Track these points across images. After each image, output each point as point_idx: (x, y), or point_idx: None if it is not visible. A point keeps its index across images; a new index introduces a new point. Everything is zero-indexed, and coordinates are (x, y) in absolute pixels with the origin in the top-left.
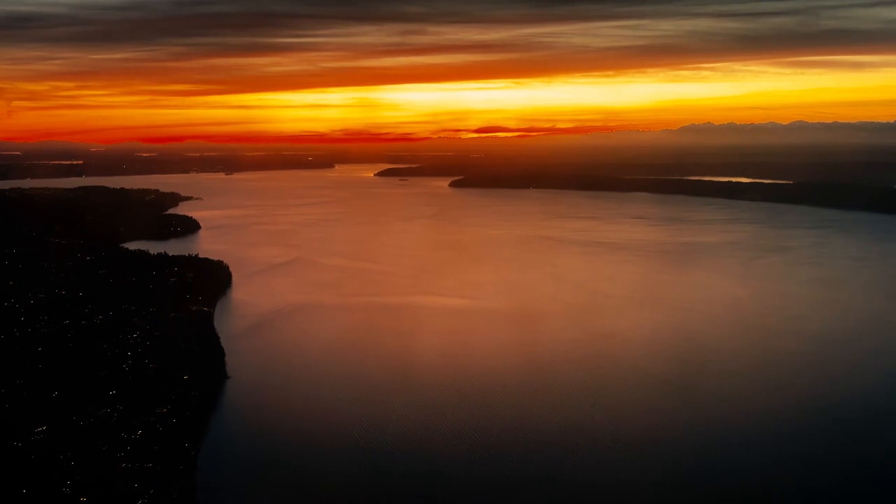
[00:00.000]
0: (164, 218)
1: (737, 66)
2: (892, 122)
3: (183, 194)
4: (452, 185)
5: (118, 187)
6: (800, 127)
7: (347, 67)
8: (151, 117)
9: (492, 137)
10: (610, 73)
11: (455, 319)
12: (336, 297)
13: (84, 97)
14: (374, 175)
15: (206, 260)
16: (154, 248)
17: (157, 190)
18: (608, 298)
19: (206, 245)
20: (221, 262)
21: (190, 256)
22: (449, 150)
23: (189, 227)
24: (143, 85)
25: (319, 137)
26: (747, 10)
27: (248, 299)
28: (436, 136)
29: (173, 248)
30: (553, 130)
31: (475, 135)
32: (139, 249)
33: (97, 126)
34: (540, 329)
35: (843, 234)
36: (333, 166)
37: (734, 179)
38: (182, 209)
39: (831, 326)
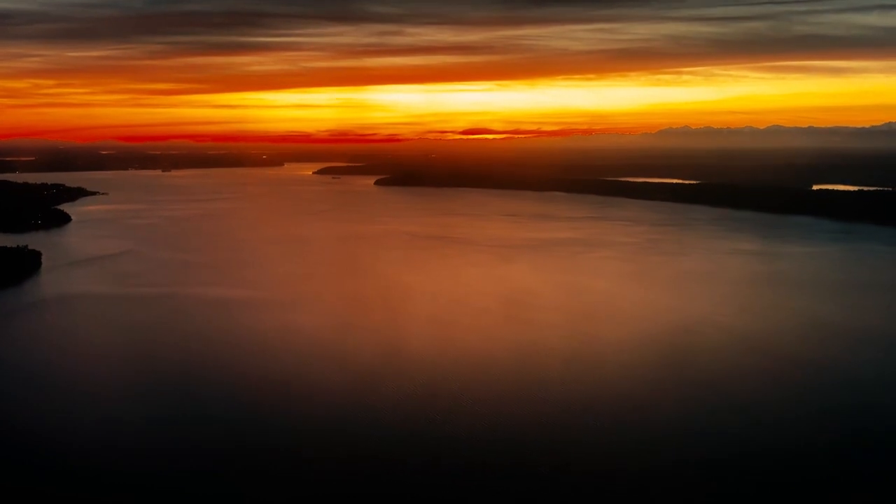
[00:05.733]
0: (35, 211)
1: (717, 70)
2: (866, 126)
3: (90, 189)
4: (377, 182)
5: (22, 182)
6: (776, 131)
7: (329, 67)
8: (135, 116)
9: (478, 139)
10: (591, 76)
11: (223, 309)
12: (128, 287)
13: (66, 95)
14: (312, 173)
15: (17, 249)
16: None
17: (63, 185)
18: (395, 290)
19: (51, 238)
20: (36, 251)
21: (3, 247)
22: (427, 151)
23: (57, 220)
24: (124, 83)
25: (305, 138)
26: (718, 15)
27: (35, 289)
28: (418, 138)
29: (15, 240)
30: (538, 133)
31: (461, 136)
32: None
33: (81, 125)
34: (298, 317)
35: (692, 231)
36: (283, 164)
37: (649, 180)
38: (75, 204)
39: (581, 314)
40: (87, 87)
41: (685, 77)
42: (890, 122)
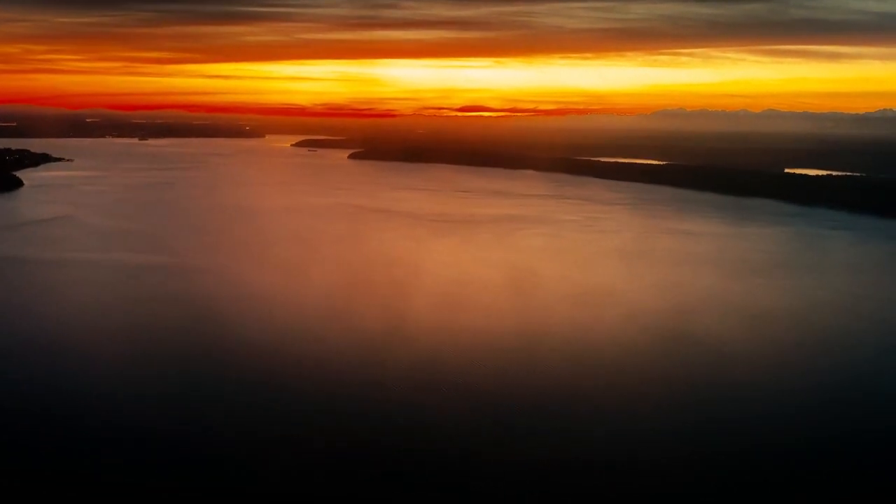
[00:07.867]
0: None
1: (715, 52)
2: (860, 113)
3: (55, 155)
4: (350, 156)
5: None
6: (770, 115)
7: (324, 40)
8: (128, 84)
9: (474, 117)
10: (589, 55)
11: (136, 274)
12: (49, 251)
13: (57, 61)
14: (291, 145)
15: None
16: None
17: (28, 150)
18: (317, 260)
19: None
20: None
21: None
22: (421, 127)
23: (8, 185)
24: (116, 51)
25: (300, 110)
26: None
27: None
28: (414, 114)
29: None
30: (535, 112)
31: (458, 113)
32: None
33: (72, 91)
34: (206, 284)
35: (639, 211)
36: (264, 136)
37: (619, 160)
38: (37, 169)
39: (478, 286)
40: (78, 54)
41: (683, 58)
42: (884, 109)
